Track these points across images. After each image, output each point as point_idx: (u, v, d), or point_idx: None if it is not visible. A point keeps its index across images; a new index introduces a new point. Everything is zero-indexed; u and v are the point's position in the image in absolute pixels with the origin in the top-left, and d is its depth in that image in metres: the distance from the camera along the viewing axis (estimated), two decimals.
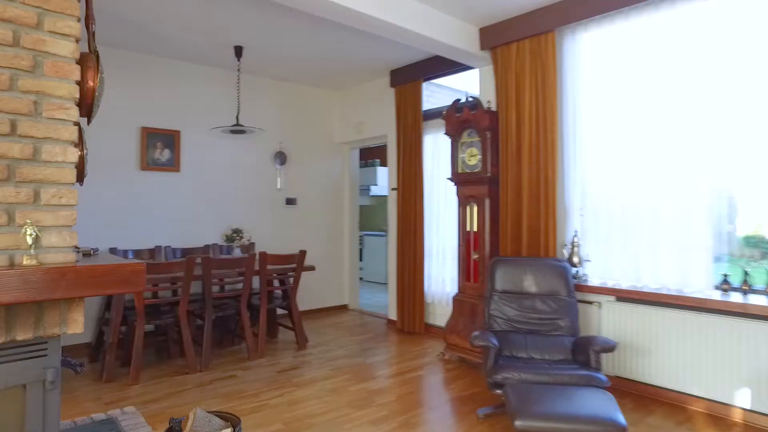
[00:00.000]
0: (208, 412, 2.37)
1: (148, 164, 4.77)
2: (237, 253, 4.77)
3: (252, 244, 5.38)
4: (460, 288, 4.32)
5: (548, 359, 3.14)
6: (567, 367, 2.91)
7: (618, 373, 3.48)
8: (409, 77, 5.12)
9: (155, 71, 4.83)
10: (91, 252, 1.95)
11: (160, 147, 4.84)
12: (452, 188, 4.45)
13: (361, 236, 8.97)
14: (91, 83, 1.79)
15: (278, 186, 5.80)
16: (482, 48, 4.12)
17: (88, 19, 1.91)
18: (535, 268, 3.50)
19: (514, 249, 3.94)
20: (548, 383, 2.77)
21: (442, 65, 4.77)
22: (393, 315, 5.49)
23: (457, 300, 4.27)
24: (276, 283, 4.89)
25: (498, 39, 4.01)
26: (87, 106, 1.81)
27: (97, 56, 1.86)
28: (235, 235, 4.69)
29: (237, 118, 4.70)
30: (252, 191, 5.57)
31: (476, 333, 3.13)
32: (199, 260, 4.01)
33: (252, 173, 5.56)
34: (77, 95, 1.69)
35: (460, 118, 4.17)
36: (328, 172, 6.30)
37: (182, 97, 5.00)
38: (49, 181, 1.64)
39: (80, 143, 2.06)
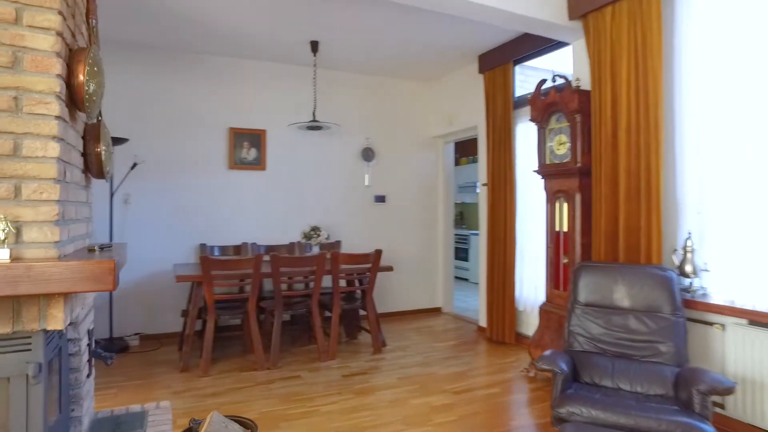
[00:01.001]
0: (227, 416, 2.28)
1: (236, 163, 4.97)
2: (315, 251, 4.74)
3: (337, 242, 5.34)
4: (547, 296, 3.74)
5: (641, 392, 2.51)
6: (661, 408, 2.27)
7: (743, 418, 2.66)
8: (498, 61, 4.61)
9: (240, 73, 5.01)
10: (96, 248, 1.95)
11: (246, 146, 5.02)
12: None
13: (466, 235, 8.55)
14: (81, 77, 1.77)
15: (366, 183, 5.68)
16: (571, 17, 3.50)
17: (89, 14, 1.91)
18: (630, 276, 2.84)
19: (610, 253, 3.27)
20: (628, 428, 2.18)
21: (531, 44, 4.20)
22: (483, 321, 5.03)
23: (544, 310, 3.71)
24: (356, 283, 4.77)
25: (589, 3, 3.36)
26: (79, 100, 1.80)
27: (95, 50, 1.84)
28: (312, 232, 4.66)
29: (313, 114, 4.66)
30: (339, 189, 5.52)
31: (547, 353, 2.62)
32: (267, 258, 4.02)
33: (339, 170, 5.52)
34: (57, 89, 1.67)
35: (546, 102, 3.60)
36: (421, 167, 6.02)
37: (266, 97, 5.13)
38: (30, 176, 1.64)
39: (97, 140, 2.08)
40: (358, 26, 4.12)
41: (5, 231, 1.55)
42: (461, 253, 8.59)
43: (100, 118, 2.22)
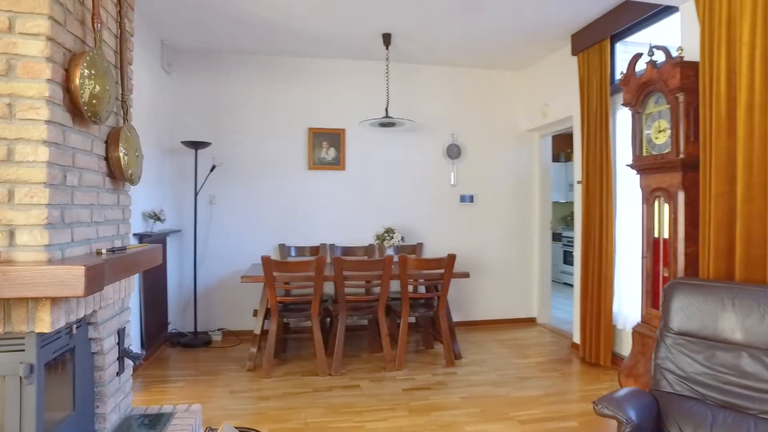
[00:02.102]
0: (238, 428, 2.18)
1: (315, 163, 4.97)
2: (390, 253, 4.54)
3: (419, 245, 5.09)
4: (643, 316, 3.10)
5: None
6: None
7: None
8: (593, 38, 3.97)
9: (316, 73, 4.99)
10: (103, 251, 1.96)
11: (325, 146, 4.99)
12: None
13: (572, 238, 7.69)
14: (76, 81, 1.77)
15: (451, 182, 5.33)
16: None
17: (94, 18, 1.92)
18: (747, 301, 2.16)
19: (722, 268, 2.56)
20: None
21: (632, 13, 3.52)
22: (577, 337, 4.39)
23: (638, 332, 3.07)
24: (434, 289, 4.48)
25: None
26: (77, 104, 1.81)
27: (99, 54, 1.85)
28: (386, 234, 4.46)
29: (386, 110, 4.45)
30: (422, 188, 5.25)
31: (619, 393, 2.10)
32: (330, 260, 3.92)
33: (422, 169, 5.25)
34: (47, 93, 1.67)
35: (641, 81, 2.96)
36: (513, 164, 5.49)
37: (344, 96, 5.05)
38: (22, 180, 1.67)
39: (116, 144, 2.10)
40: (432, 13, 3.82)
41: None
42: (570, 258, 7.75)
43: (125, 121, 2.26)
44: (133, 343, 3.70)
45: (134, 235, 3.71)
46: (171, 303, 4.61)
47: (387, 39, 4.31)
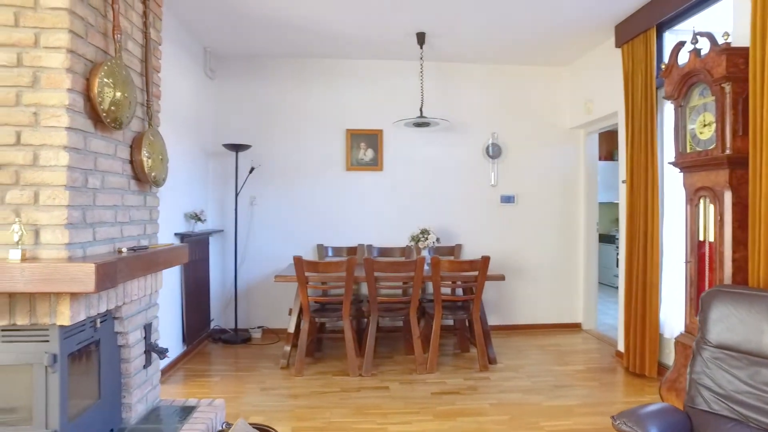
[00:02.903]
0: (252, 425, 2.23)
1: (353, 164, 5.01)
2: (426, 255, 4.48)
3: (457, 246, 5.01)
4: (686, 326, 2.87)
5: None
6: None
7: None
8: (638, 27, 3.72)
9: (353, 74, 5.02)
10: (124, 250, 2.07)
11: (363, 147, 5.02)
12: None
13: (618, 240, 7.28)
14: (95, 90, 1.88)
15: (492, 182, 5.20)
16: None
17: (114, 30, 2.03)
18: None
19: None
20: None
21: None
22: (622, 345, 4.14)
23: (681, 343, 2.84)
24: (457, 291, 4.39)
25: None
26: (96, 111, 1.92)
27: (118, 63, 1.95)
28: (421, 235, 4.42)
29: (420, 110, 4.40)
30: (460, 189, 5.16)
31: (642, 410, 1.96)
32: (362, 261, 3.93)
33: (461, 169, 5.16)
34: (67, 102, 1.79)
35: (684, 71, 2.74)
36: (557, 163, 5.27)
37: (382, 96, 5.04)
38: (45, 183, 1.80)
39: (140, 148, 2.22)
40: (467, 9, 3.74)
41: (20, 234, 1.72)
42: (617, 258, 7.35)
43: (150, 126, 2.38)
44: (175, 338, 3.90)
45: (176, 234, 3.89)
46: (214, 300, 4.80)
47: (421, 38, 4.26)
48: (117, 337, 2.26)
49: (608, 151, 7.97)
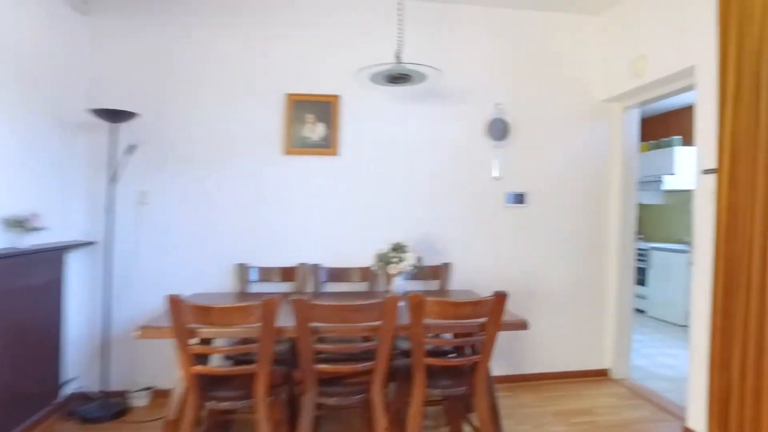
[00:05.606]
0: None
1: (295, 145, 3.41)
2: (398, 283, 2.93)
3: (444, 266, 3.46)
4: None
5: None
6: None
7: None
8: None
9: (297, 10, 3.43)
10: None
11: (311, 120, 3.42)
12: None
13: (644, 250, 5.96)
14: None
15: (494, 174, 3.68)
16: None
17: None
18: None
19: None
20: None
21: None
22: (699, 417, 2.67)
23: None
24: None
25: None
26: None
27: None
28: (393, 255, 2.86)
29: (397, 56, 2.80)
30: (449, 183, 3.63)
31: None
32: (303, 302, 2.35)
33: (451, 155, 3.62)
34: None
35: None
36: (583, 149, 3.80)
37: (339, 46, 3.46)
38: None
39: None
40: None
41: None
42: (642, 275, 6.01)
43: None
44: None
45: None
46: (73, 349, 3.15)
47: None
48: None
49: (648, 137, 6.52)
